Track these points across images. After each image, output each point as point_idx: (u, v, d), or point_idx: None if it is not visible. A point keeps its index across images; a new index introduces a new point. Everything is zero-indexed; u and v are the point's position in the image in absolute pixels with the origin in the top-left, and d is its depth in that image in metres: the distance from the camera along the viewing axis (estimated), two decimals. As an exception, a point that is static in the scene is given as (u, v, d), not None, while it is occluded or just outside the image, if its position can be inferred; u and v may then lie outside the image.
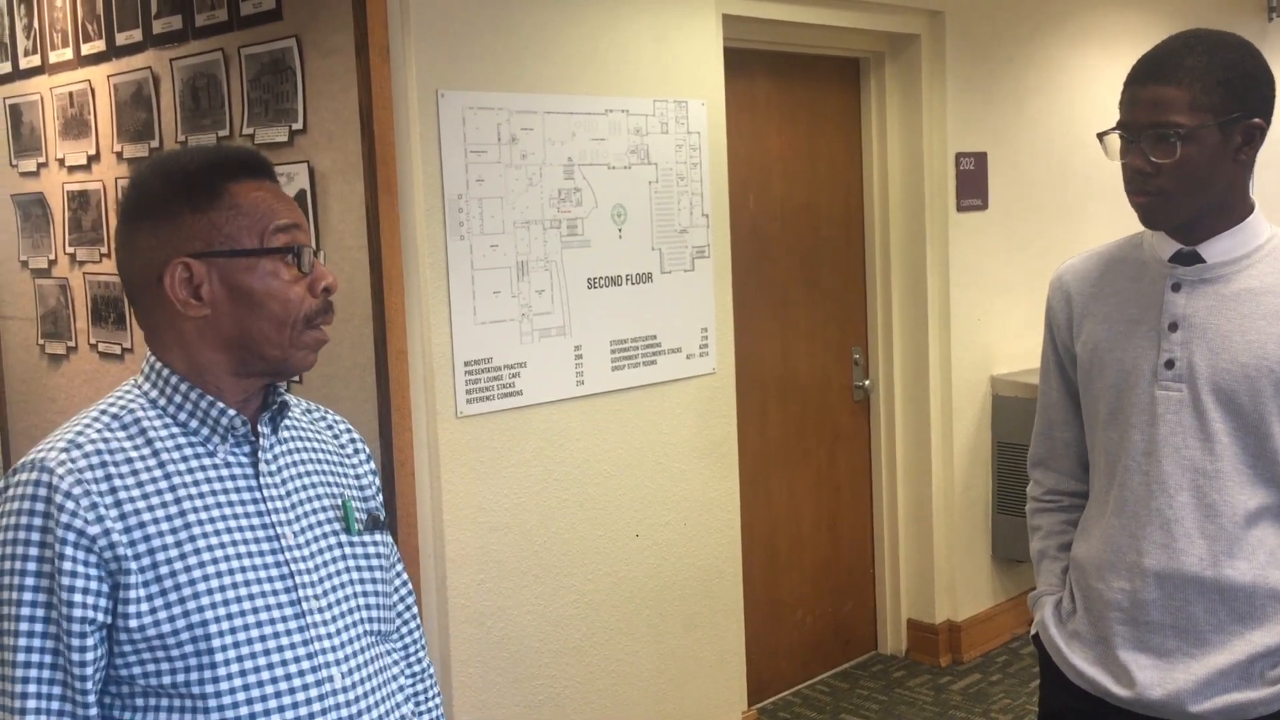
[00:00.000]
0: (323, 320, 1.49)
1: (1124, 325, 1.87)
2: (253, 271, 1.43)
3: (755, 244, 4.00)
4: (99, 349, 3.96)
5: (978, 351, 4.47)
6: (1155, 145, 1.73)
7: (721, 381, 3.64)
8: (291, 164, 3.06)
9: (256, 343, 1.44)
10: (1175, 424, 1.80)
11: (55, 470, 1.35)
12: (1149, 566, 1.81)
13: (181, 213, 1.42)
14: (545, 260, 3.15)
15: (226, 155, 1.48)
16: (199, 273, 1.42)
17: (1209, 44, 1.76)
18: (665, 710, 3.52)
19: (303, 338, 1.47)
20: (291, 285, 1.45)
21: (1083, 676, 1.90)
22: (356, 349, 2.98)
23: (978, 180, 4.41)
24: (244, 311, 1.43)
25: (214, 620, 1.36)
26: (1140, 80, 1.77)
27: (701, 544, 3.60)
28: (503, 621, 3.12)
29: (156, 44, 3.49)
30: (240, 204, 1.43)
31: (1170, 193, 1.76)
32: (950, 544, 4.45)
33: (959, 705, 4.13)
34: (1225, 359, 1.77)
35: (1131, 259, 1.92)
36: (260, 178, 1.48)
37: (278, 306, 1.44)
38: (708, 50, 3.54)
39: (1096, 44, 4.92)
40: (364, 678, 1.47)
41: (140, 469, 1.39)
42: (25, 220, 4.23)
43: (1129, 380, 1.85)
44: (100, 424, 1.42)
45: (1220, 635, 1.78)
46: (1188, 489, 1.79)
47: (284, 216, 1.46)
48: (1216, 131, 1.73)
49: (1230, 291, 1.80)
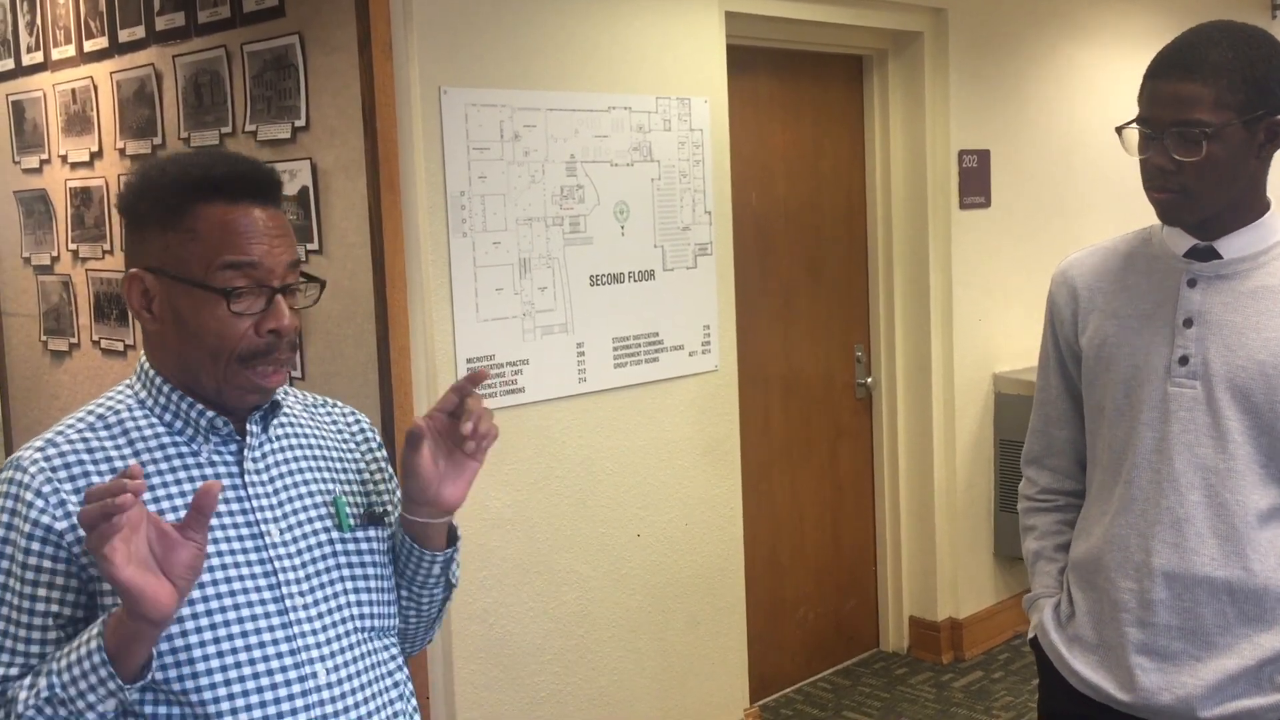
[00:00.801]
0: (265, 361, 1.42)
1: (1135, 321, 1.84)
2: (191, 301, 1.40)
3: (758, 241, 4.00)
4: (101, 345, 3.96)
5: (980, 349, 4.46)
6: (1180, 143, 1.69)
7: (724, 379, 3.63)
8: (294, 161, 3.06)
9: (193, 370, 1.43)
10: (1188, 421, 1.76)
11: (28, 469, 1.38)
12: (1157, 566, 1.77)
13: (148, 226, 1.43)
14: (548, 257, 3.15)
15: (206, 173, 1.43)
16: (152, 287, 1.43)
17: (1235, 38, 1.71)
18: (667, 708, 3.53)
19: (238, 377, 1.41)
20: (232, 321, 1.40)
21: (1084, 681, 1.87)
22: (359, 346, 2.98)
23: (981, 178, 4.41)
24: (183, 337, 1.42)
25: (191, 617, 1.37)
26: (1163, 74, 1.72)
27: (703, 541, 3.60)
28: (504, 619, 3.13)
29: (159, 40, 3.49)
30: (197, 229, 1.40)
31: (1192, 190, 1.73)
32: (952, 541, 4.45)
33: (961, 703, 4.13)
34: (1241, 356, 1.74)
35: (1141, 254, 1.88)
36: (236, 201, 1.41)
37: (211, 340, 1.40)
38: (711, 47, 3.54)
39: (1100, 41, 4.91)
40: (352, 674, 1.47)
41: (119, 467, 1.40)
42: (28, 217, 4.23)
43: (1140, 376, 1.81)
44: (84, 424, 1.44)
45: (1228, 638, 1.75)
46: (1199, 488, 1.75)
47: (240, 252, 1.39)
48: (1241, 130, 1.69)
49: (1247, 288, 1.76)
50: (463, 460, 1.51)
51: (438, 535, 1.58)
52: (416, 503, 1.53)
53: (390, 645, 1.58)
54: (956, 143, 4.30)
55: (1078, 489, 1.99)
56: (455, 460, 1.52)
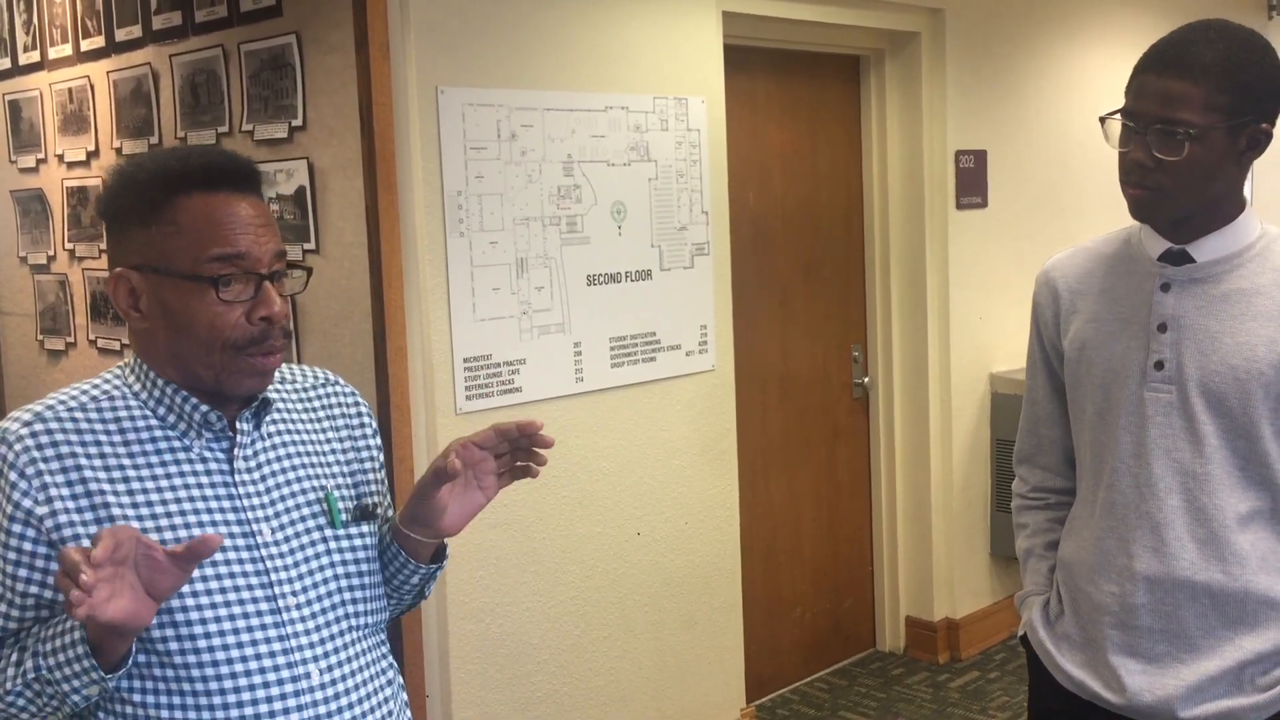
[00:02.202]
0: (259, 349, 1.42)
1: (1113, 325, 1.83)
2: (179, 293, 1.40)
3: (755, 241, 4.00)
4: (98, 345, 3.96)
5: (977, 349, 4.47)
6: (1162, 141, 1.67)
7: (721, 378, 3.64)
8: (291, 160, 3.06)
9: (189, 362, 1.43)
10: (1165, 426, 1.76)
11: (14, 445, 1.37)
12: (1139, 570, 1.78)
13: (129, 224, 1.43)
14: (545, 257, 3.15)
15: (184, 166, 1.42)
16: (138, 285, 1.42)
17: (1228, 39, 1.68)
18: (664, 708, 3.53)
19: (234, 364, 1.42)
20: (223, 310, 1.40)
21: (1072, 680, 1.87)
22: (355, 346, 2.98)
23: (977, 178, 4.41)
24: (174, 331, 1.42)
25: (180, 609, 1.37)
26: (1152, 69, 1.70)
27: (700, 541, 3.60)
28: (501, 618, 3.13)
29: (156, 40, 3.49)
30: (180, 221, 1.39)
31: (1168, 190, 1.71)
32: (949, 541, 4.46)
33: (957, 703, 4.13)
34: (1215, 361, 1.73)
35: (1121, 255, 1.87)
36: (218, 191, 1.41)
37: (203, 331, 1.40)
38: (708, 47, 3.54)
39: (1097, 42, 4.92)
40: (345, 674, 1.47)
41: (109, 454, 1.40)
42: (24, 216, 4.23)
43: (1117, 381, 1.81)
44: (75, 404, 1.43)
45: (1210, 640, 1.75)
46: (1178, 492, 1.75)
47: (225, 243, 1.39)
48: (1225, 134, 1.67)
49: (1220, 292, 1.75)
50: (473, 492, 1.53)
51: (426, 549, 1.60)
52: (418, 522, 1.55)
53: (382, 643, 1.58)
54: (953, 143, 4.30)
55: (1068, 487, 1.99)
56: (466, 491, 1.53)
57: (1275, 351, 1.71)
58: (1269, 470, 1.73)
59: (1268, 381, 1.70)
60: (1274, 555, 1.74)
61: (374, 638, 1.55)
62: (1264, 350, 1.71)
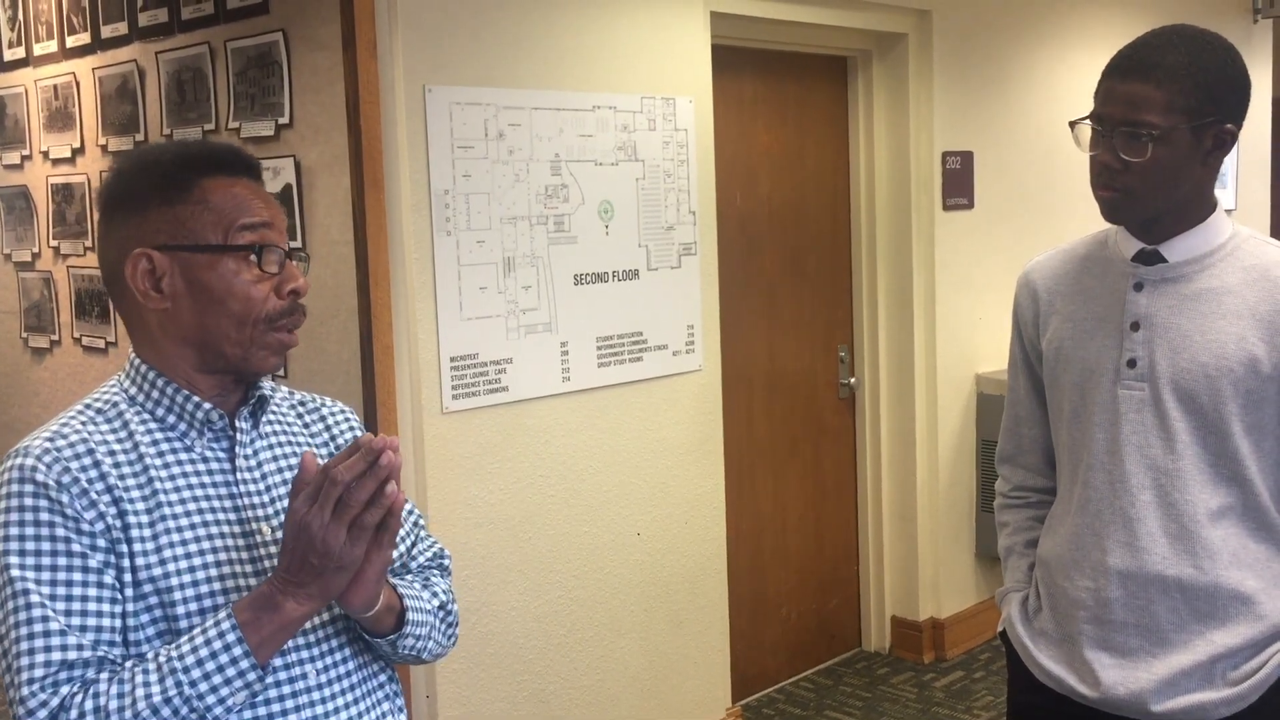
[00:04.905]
0: (288, 323, 1.46)
1: (1088, 324, 1.88)
2: (214, 268, 1.42)
3: (742, 241, 4.01)
4: (83, 343, 3.94)
5: (963, 349, 4.48)
6: (1127, 143, 1.72)
7: (708, 378, 3.64)
8: (278, 158, 3.05)
9: (215, 340, 1.43)
10: (1137, 423, 1.80)
11: (39, 465, 1.34)
12: (1112, 565, 1.82)
13: (150, 205, 1.43)
14: (532, 256, 3.15)
15: (203, 151, 1.48)
16: (161, 265, 1.42)
17: (1191, 44, 1.74)
18: (650, 707, 3.53)
19: (264, 338, 1.44)
20: (255, 284, 1.43)
21: (1049, 675, 1.91)
22: (342, 344, 2.98)
23: (964, 179, 4.42)
24: (203, 308, 1.42)
25: (184, 616, 1.36)
26: (1118, 74, 1.76)
27: (687, 540, 3.61)
28: (488, 617, 3.12)
29: (142, 37, 3.48)
30: (209, 199, 1.43)
31: (1136, 191, 1.76)
32: (934, 541, 4.47)
33: (942, 702, 4.15)
34: (1185, 358, 1.77)
35: (1097, 257, 1.92)
36: (236, 175, 1.46)
37: (237, 305, 1.42)
38: (696, 47, 3.54)
39: (1083, 44, 4.94)
40: (341, 675, 1.47)
41: (123, 460, 1.40)
42: (9, 213, 4.21)
43: (1092, 379, 1.85)
44: (84, 417, 1.43)
45: (1182, 635, 1.79)
46: (1150, 488, 1.79)
47: (254, 215, 1.44)
48: (1189, 134, 1.72)
49: (1191, 291, 1.80)
50: (369, 554, 1.34)
51: (379, 622, 1.46)
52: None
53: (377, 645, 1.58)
54: (940, 144, 4.31)
55: (1049, 486, 2.03)
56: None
57: (1245, 349, 1.75)
58: (1239, 466, 1.77)
59: (1237, 379, 1.74)
60: (1244, 551, 1.78)
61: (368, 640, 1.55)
62: (1234, 348, 1.75)
